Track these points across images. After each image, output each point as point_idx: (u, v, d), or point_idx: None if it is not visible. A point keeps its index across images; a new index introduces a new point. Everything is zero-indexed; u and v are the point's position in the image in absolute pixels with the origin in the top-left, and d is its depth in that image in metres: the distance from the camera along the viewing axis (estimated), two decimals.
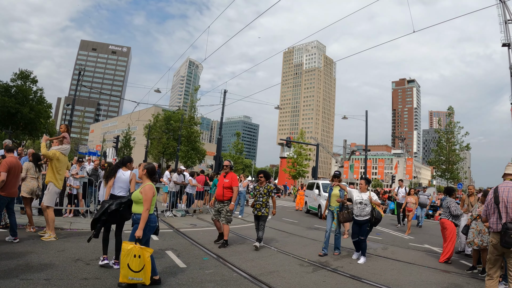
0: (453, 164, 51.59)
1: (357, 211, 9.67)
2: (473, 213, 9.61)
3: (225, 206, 10.36)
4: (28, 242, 8.48)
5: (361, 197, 9.72)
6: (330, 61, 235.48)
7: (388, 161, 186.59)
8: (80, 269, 6.77)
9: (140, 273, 5.58)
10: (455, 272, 9.20)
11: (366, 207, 9.58)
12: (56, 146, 9.69)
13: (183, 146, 59.90)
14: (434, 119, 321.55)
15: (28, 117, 61.67)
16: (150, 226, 6.00)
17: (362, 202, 9.62)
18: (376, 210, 9.62)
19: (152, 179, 6.28)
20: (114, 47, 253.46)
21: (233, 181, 10.48)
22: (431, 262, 10.28)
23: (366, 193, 9.81)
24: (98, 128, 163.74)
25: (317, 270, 8.22)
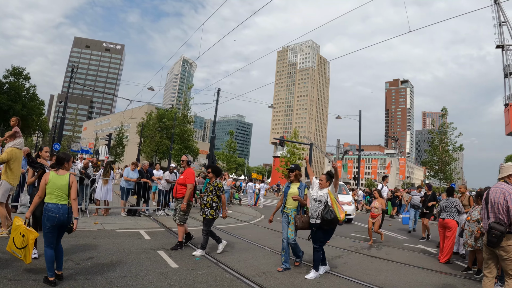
0: (446, 164, 51.70)
1: (311, 211, 7.97)
2: (468, 215, 9.57)
3: (179, 204, 9.78)
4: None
5: (317, 194, 7.93)
6: (324, 60, 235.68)
7: (381, 161, 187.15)
8: (70, 268, 6.61)
9: (21, 251, 5.84)
10: (450, 273, 9.15)
11: (320, 206, 7.73)
12: (10, 142, 9.11)
13: (176, 145, 59.78)
14: (427, 119, 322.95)
15: (20, 114, 61.36)
16: (49, 215, 5.82)
17: (316, 199, 7.85)
18: (331, 210, 7.63)
19: (57, 168, 6.20)
20: (107, 45, 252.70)
21: (187, 178, 9.75)
22: (426, 262, 10.22)
23: (325, 190, 7.87)
24: (91, 126, 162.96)
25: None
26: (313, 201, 7.89)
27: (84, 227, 10.94)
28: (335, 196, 7.87)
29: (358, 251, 11.35)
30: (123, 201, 15.23)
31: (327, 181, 7.96)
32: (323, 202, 7.73)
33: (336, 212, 7.59)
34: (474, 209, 9.33)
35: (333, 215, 7.53)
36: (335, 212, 7.59)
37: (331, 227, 7.73)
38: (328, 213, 7.53)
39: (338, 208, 7.68)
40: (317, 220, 7.70)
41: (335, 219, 7.55)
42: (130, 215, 14.84)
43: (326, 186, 7.91)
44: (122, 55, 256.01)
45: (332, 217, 7.51)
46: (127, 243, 9.32)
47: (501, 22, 45.73)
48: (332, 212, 7.55)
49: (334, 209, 7.62)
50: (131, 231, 11.31)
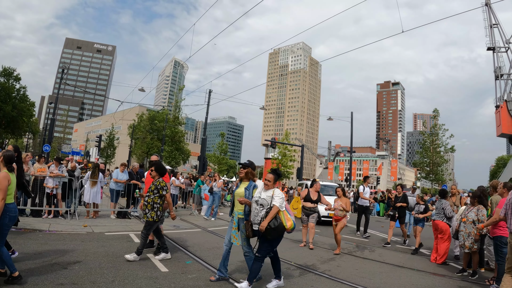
0: (437, 165, 51.87)
1: (252, 215, 6.80)
2: (462, 216, 9.46)
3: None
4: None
5: (259, 196, 6.79)
6: (315, 62, 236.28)
7: (372, 162, 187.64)
8: (57, 273, 6.41)
9: None
10: (445, 275, 9.10)
11: (263, 210, 6.61)
12: None
13: (167, 146, 59.58)
14: (418, 121, 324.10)
15: (10, 115, 60.84)
16: (10, 216, 5.73)
17: (258, 202, 6.70)
18: (277, 217, 6.56)
19: (8, 168, 5.95)
20: (99, 46, 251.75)
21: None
22: (419, 264, 10.15)
23: (270, 191, 6.74)
24: (82, 128, 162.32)
25: (304, 274, 7.98)
26: (255, 204, 6.78)
27: (73, 230, 10.77)
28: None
29: (351, 253, 11.25)
30: (113, 203, 15.04)
31: (275, 181, 6.92)
32: (266, 206, 6.61)
33: (282, 219, 6.58)
34: (470, 210, 9.21)
35: (277, 223, 6.49)
36: (281, 218, 6.57)
37: (275, 236, 6.62)
38: (272, 221, 6.49)
39: (284, 214, 6.63)
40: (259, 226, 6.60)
41: (279, 227, 6.51)
42: (120, 217, 14.65)
43: (273, 187, 6.84)
44: (113, 56, 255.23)
45: (276, 225, 6.48)
46: (116, 246, 9.10)
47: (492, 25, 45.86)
48: (276, 219, 6.52)
49: (280, 216, 6.58)
50: (120, 234, 11.11)
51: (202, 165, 30.31)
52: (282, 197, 6.69)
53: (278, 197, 6.61)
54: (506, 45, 44.38)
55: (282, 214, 6.61)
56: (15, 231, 9.64)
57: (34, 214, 12.48)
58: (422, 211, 12.61)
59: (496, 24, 45.50)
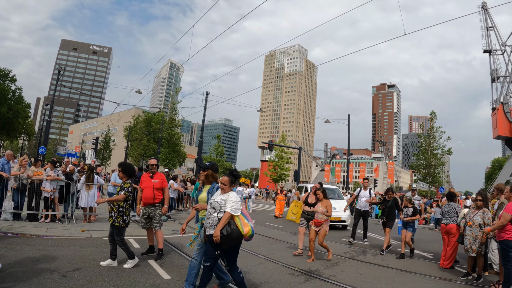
0: (435, 168, 51.90)
1: (205, 219, 6.20)
2: (467, 220, 9.34)
3: (157, 209, 9.04)
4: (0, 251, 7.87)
5: (213, 198, 6.15)
6: (311, 65, 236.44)
7: (368, 164, 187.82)
8: (56, 282, 6.22)
9: None
10: (450, 279, 8.98)
11: (214, 213, 5.97)
12: None
13: (163, 149, 59.40)
14: (414, 123, 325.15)
15: (6, 116, 60.70)
16: None
17: (211, 203, 6.09)
18: (231, 222, 5.88)
19: None
20: (95, 47, 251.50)
21: (164, 182, 9.31)
22: (423, 268, 10.01)
23: (225, 195, 6.04)
24: (77, 129, 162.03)
25: (309, 279, 7.83)
26: (209, 206, 6.16)
27: (70, 235, 10.60)
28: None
29: (354, 257, 11.12)
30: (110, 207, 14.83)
31: (231, 184, 6.20)
32: (217, 210, 5.97)
33: (238, 225, 5.85)
34: (475, 213, 9.10)
35: (229, 229, 5.76)
36: (236, 224, 5.86)
37: (230, 243, 5.85)
38: (225, 227, 5.77)
39: (240, 219, 5.91)
40: (212, 231, 5.94)
41: (233, 233, 5.77)
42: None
43: (229, 190, 6.13)
44: (109, 58, 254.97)
45: (229, 231, 5.74)
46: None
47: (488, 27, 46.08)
48: (229, 225, 5.81)
49: (236, 221, 5.89)
50: None
51: (199, 167, 30.12)
52: (237, 201, 5.99)
53: (232, 202, 5.91)
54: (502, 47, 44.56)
55: (238, 219, 5.91)
56: (12, 236, 9.52)
57: (30, 218, 12.30)
58: (411, 215, 11.78)
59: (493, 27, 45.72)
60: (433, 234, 19.80)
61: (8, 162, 12.51)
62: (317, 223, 10.53)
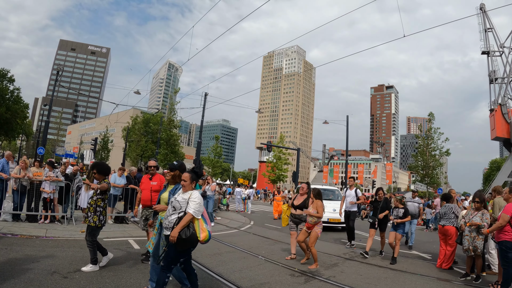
0: (433, 169, 51.96)
1: (164, 218, 5.90)
2: (466, 220, 9.37)
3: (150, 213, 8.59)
4: (0, 252, 7.88)
5: (176, 196, 5.88)
6: (310, 66, 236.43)
7: (366, 165, 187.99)
8: (57, 283, 6.22)
9: None
10: (449, 279, 9.02)
11: (174, 213, 5.67)
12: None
13: (162, 149, 59.34)
14: (412, 124, 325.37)
15: (4, 117, 60.64)
16: None
17: (172, 202, 5.80)
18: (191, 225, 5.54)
19: None
20: (93, 48, 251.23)
21: (162, 184, 8.77)
22: (422, 269, 10.06)
23: (187, 194, 5.72)
24: (75, 130, 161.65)
25: (310, 280, 7.85)
26: (170, 206, 5.86)
27: (70, 236, 10.61)
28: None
29: (353, 258, 11.13)
30: (110, 208, 14.85)
31: (192, 181, 5.81)
32: (178, 209, 5.65)
33: (196, 230, 5.52)
34: (474, 214, 9.13)
35: (188, 233, 5.43)
36: (195, 228, 5.52)
37: (185, 247, 5.60)
38: (184, 230, 5.44)
39: (200, 223, 5.58)
40: (169, 231, 5.60)
41: (191, 238, 5.44)
42: (118, 222, 14.50)
43: (190, 188, 5.78)
44: (107, 58, 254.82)
45: (188, 235, 5.42)
46: (116, 253, 8.86)
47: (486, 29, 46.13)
48: (188, 229, 5.48)
49: (195, 224, 5.55)
50: (119, 240, 10.97)
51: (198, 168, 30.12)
52: (199, 202, 5.64)
53: (194, 202, 5.57)
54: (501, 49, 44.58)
55: (198, 223, 5.57)
56: (11, 237, 9.51)
57: (30, 219, 12.30)
58: (401, 216, 11.26)
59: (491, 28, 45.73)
60: (431, 235, 19.79)
61: (8, 163, 12.51)
62: (309, 226, 9.72)
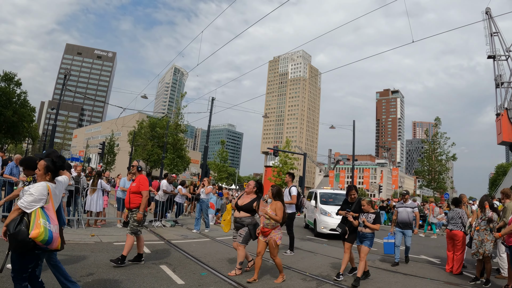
0: (439, 174, 51.75)
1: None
2: (474, 225, 9.41)
3: (133, 215, 8.56)
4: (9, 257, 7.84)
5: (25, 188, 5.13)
6: (315, 70, 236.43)
7: (372, 170, 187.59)
8: None
9: None
10: (458, 283, 9.05)
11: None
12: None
13: (168, 154, 59.35)
14: (418, 129, 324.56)
15: (11, 120, 60.97)
16: None
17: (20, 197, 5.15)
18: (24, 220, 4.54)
19: None
20: (99, 52, 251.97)
21: (141, 185, 8.54)
22: (432, 273, 10.07)
23: (35, 185, 4.83)
24: (81, 134, 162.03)
25: (321, 285, 7.88)
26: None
27: (80, 240, 10.67)
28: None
29: None
30: (120, 212, 14.94)
31: (47, 171, 4.91)
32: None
33: (31, 225, 4.43)
34: (482, 219, 9.16)
35: (15, 228, 4.43)
36: (29, 223, 4.46)
37: (16, 247, 4.49)
38: (12, 224, 4.46)
39: (36, 217, 4.49)
40: None
41: (19, 234, 4.41)
42: (127, 226, 14.53)
43: (44, 179, 4.88)
44: (113, 62, 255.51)
45: (15, 230, 4.41)
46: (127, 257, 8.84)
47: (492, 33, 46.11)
48: (14, 222, 4.48)
49: (31, 219, 4.49)
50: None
51: (204, 172, 30.16)
52: (36, 194, 4.61)
53: (29, 194, 4.57)
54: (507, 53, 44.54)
55: (34, 216, 4.48)
56: None
57: None
58: (372, 222, 8.44)
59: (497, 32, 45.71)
60: (439, 240, 19.70)
61: (17, 166, 12.62)
62: (264, 232, 7.85)
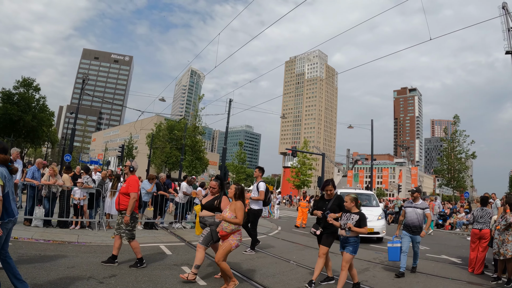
0: (459, 172, 51.24)
1: None
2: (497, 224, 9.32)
3: (122, 217, 8.26)
4: (35, 258, 7.98)
5: None
6: (332, 70, 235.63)
7: (391, 170, 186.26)
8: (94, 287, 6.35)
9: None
10: (480, 283, 8.99)
11: None
12: None
13: (187, 156, 59.62)
14: (436, 127, 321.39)
15: (30, 124, 61.77)
16: None
17: None
18: None
19: None
20: (116, 56, 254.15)
21: (130, 186, 8.15)
22: (453, 273, 10.01)
23: None
24: (100, 137, 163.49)
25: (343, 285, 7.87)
26: None
27: (102, 242, 10.77)
28: None
29: (383, 262, 11.12)
30: (140, 214, 15.07)
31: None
32: None
33: None
34: (504, 218, 9.06)
35: None
36: None
37: None
38: None
39: None
40: None
41: None
42: (147, 228, 14.65)
43: None
44: (130, 66, 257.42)
45: None
46: (148, 259, 8.96)
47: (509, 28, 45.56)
48: None
49: None
50: (150, 245, 11.08)
51: (223, 174, 30.21)
52: None
53: None
54: None
55: None
56: (44, 243, 9.68)
57: (61, 225, 12.52)
58: (354, 224, 7.12)
59: None
60: (460, 240, 19.55)
61: (39, 170, 12.83)
62: (222, 236, 7.01)
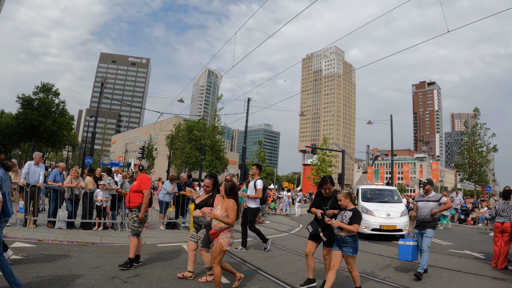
0: (480, 166, 50.62)
1: None
2: None
3: (132, 214, 8.23)
4: (60, 259, 8.11)
5: None
6: (349, 66, 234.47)
7: (412, 165, 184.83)
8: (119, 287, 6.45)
9: None
10: (504, 278, 8.91)
11: None
12: None
13: (207, 156, 59.78)
14: (456, 121, 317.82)
15: (51, 129, 62.76)
16: None
17: None
18: None
19: None
20: (133, 59, 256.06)
21: (142, 184, 8.25)
22: (477, 269, 9.92)
23: None
24: (119, 139, 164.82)
25: (365, 281, 7.87)
26: None
27: (125, 242, 10.82)
28: None
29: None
30: (162, 214, 15.26)
31: None
32: None
33: None
34: None
35: None
36: None
37: None
38: None
39: None
40: None
41: None
42: (169, 228, 14.77)
43: None
44: (148, 68, 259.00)
45: None
46: (171, 258, 9.10)
47: None
48: None
49: None
50: (173, 245, 11.22)
51: (243, 173, 30.22)
52: None
53: None
54: None
55: None
56: (68, 244, 9.82)
57: (84, 227, 12.69)
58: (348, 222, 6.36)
59: None
60: (483, 235, 19.36)
61: (61, 174, 13.04)
62: (212, 234, 6.57)
